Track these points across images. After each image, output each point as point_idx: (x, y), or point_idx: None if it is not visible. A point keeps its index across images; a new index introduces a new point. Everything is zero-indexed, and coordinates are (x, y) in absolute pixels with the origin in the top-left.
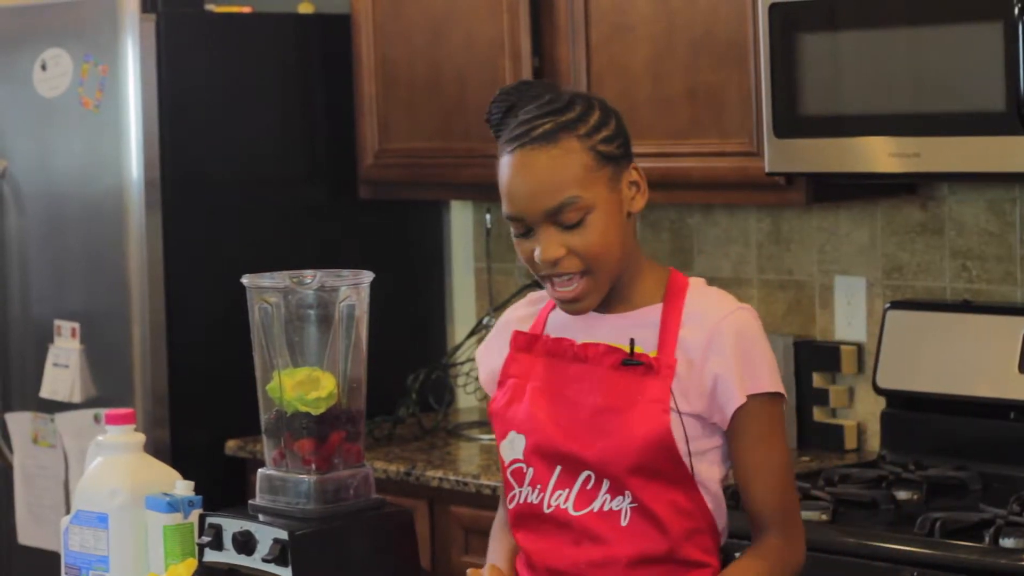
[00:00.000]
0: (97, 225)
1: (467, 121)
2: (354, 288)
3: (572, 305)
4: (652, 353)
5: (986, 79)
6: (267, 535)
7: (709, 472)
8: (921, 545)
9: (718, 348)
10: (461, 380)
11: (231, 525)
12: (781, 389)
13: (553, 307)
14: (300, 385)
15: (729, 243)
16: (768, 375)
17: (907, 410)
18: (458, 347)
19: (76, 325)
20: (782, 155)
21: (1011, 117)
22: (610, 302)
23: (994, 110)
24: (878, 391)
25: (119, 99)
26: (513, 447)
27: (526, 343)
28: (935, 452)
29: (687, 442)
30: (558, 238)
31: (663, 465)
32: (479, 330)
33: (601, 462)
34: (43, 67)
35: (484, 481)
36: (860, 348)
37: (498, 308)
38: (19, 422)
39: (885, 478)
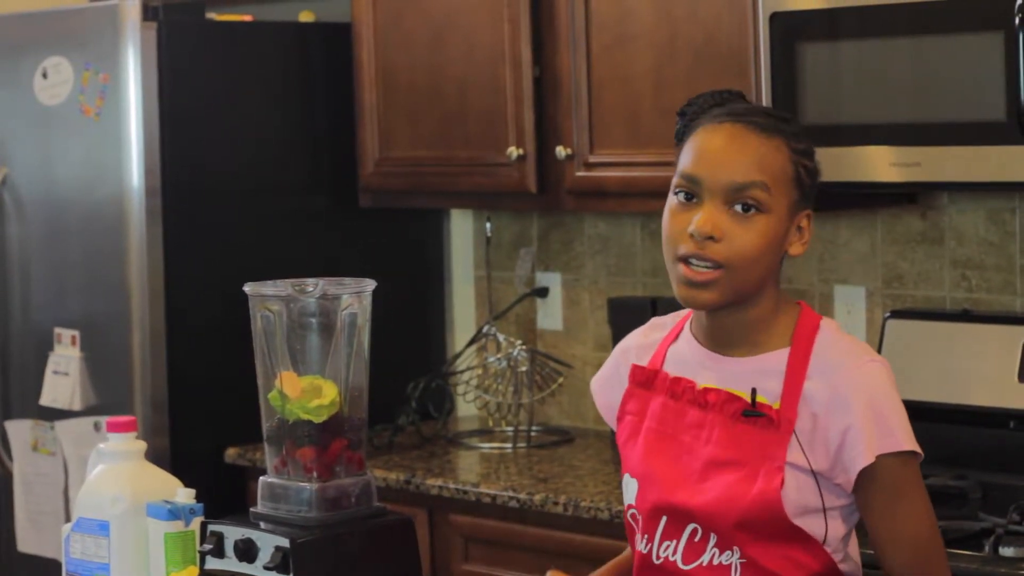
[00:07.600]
0: (97, 233)
1: (468, 130)
2: (356, 296)
3: (694, 290)
4: (775, 404)
5: (986, 89)
6: (268, 543)
7: (833, 531)
8: None
9: (844, 403)
10: (461, 388)
11: (233, 533)
12: (916, 447)
13: (674, 339)
14: (302, 393)
15: None
16: (902, 432)
17: None
18: (458, 355)
19: (76, 333)
20: None
21: (1011, 127)
22: (735, 343)
23: (994, 120)
24: None
25: (120, 107)
26: (628, 491)
27: (645, 379)
28: (934, 461)
29: (821, 497)
30: (721, 219)
31: (771, 526)
32: (479, 338)
33: (707, 515)
34: (44, 75)
35: (483, 489)
36: None
37: (498, 316)
38: (19, 430)
39: None
